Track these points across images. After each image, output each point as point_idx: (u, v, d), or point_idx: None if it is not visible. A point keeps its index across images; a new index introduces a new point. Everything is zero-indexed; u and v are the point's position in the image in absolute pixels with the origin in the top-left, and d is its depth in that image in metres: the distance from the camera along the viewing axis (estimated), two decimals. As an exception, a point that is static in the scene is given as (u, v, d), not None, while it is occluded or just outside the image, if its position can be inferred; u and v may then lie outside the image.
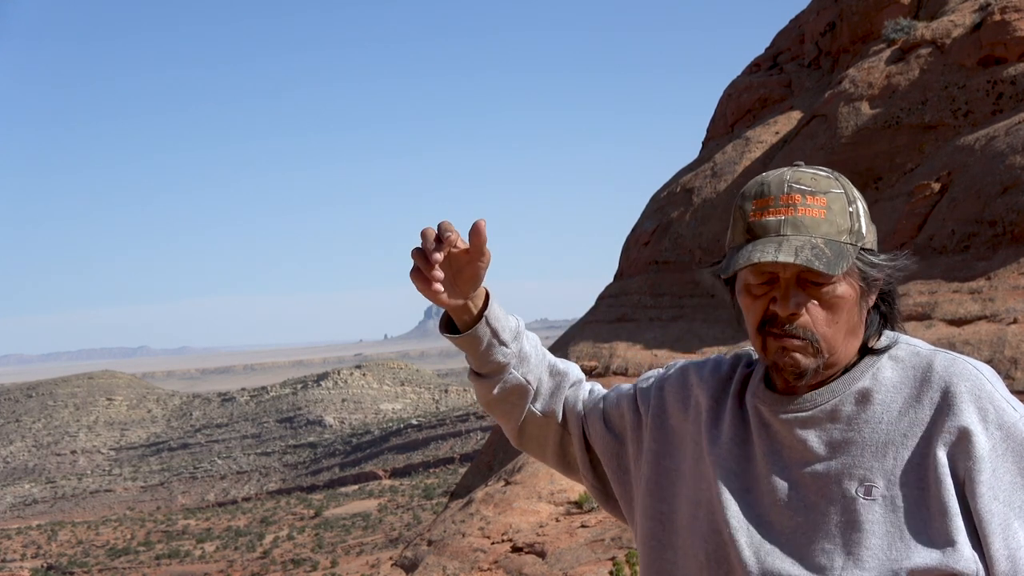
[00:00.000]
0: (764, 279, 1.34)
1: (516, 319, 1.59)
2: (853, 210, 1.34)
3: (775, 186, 1.34)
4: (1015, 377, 8.33)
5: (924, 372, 1.34)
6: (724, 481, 1.41)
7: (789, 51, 21.91)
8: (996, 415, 1.29)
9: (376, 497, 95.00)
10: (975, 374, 1.32)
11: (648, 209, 21.65)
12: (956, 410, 1.29)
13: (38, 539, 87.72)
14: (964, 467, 1.28)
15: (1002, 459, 1.28)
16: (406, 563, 12.04)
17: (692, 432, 1.49)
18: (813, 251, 1.28)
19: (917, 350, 1.38)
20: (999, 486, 1.27)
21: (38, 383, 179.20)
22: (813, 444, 1.35)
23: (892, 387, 1.35)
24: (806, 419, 1.37)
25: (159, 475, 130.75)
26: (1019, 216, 10.45)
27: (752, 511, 1.38)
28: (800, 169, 1.37)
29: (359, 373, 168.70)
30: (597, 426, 1.62)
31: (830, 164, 14.81)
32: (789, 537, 1.34)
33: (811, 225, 1.31)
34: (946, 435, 1.29)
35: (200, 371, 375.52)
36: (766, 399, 1.41)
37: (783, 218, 1.32)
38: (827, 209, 1.32)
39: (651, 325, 17.11)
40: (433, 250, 1.40)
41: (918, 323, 9.90)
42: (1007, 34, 13.06)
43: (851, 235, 1.33)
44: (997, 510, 1.26)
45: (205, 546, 77.19)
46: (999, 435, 1.28)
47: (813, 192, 1.33)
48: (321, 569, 58.19)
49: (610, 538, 9.06)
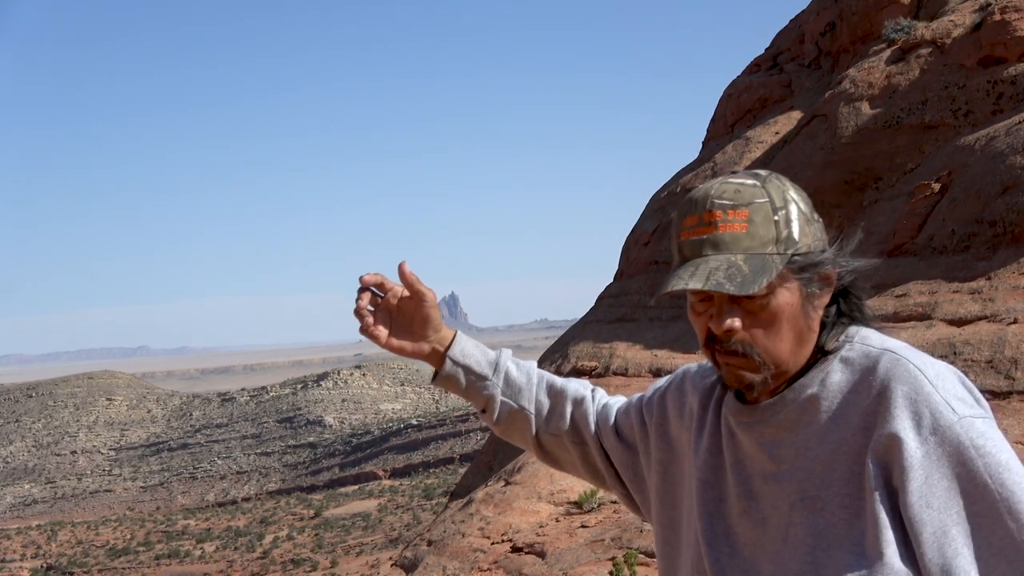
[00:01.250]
0: (701, 296, 1.33)
1: (497, 352, 1.63)
2: (780, 217, 1.30)
3: (700, 203, 1.32)
4: (1015, 377, 8.32)
5: (868, 375, 1.30)
6: (701, 492, 1.42)
7: (789, 51, 21.91)
8: (931, 419, 1.23)
9: (376, 497, 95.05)
10: (914, 375, 1.26)
11: (648, 209, 21.65)
12: (888, 416, 1.25)
13: (38, 539, 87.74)
14: (896, 476, 1.23)
15: (937, 465, 1.22)
16: (406, 563, 12.05)
17: (686, 440, 1.51)
18: (728, 271, 1.25)
19: (868, 350, 1.32)
20: (933, 493, 1.21)
21: (38, 383, 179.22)
22: (767, 455, 1.35)
23: (838, 392, 1.31)
24: (761, 430, 1.36)
25: (159, 475, 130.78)
26: (1019, 216, 10.45)
27: (724, 522, 1.38)
28: (728, 179, 1.34)
29: (359, 373, 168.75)
30: (611, 439, 1.64)
31: (830, 164, 14.83)
32: (751, 550, 1.34)
33: (731, 242, 1.28)
34: (876, 443, 1.25)
35: (200, 371, 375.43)
36: (733, 409, 1.40)
37: (704, 237, 1.30)
38: (749, 222, 1.29)
39: (651, 325, 17.11)
40: (360, 302, 1.52)
41: (918, 323, 9.90)
42: (1007, 34, 13.06)
43: (778, 244, 1.29)
44: (930, 518, 1.21)
45: (205, 546, 77.21)
46: (934, 440, 1.22)
47: (735, 206, 1.30)
48: (321, 569, 58.23)
49: (610, 538, 9.06)
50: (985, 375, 8.41)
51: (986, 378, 8.34)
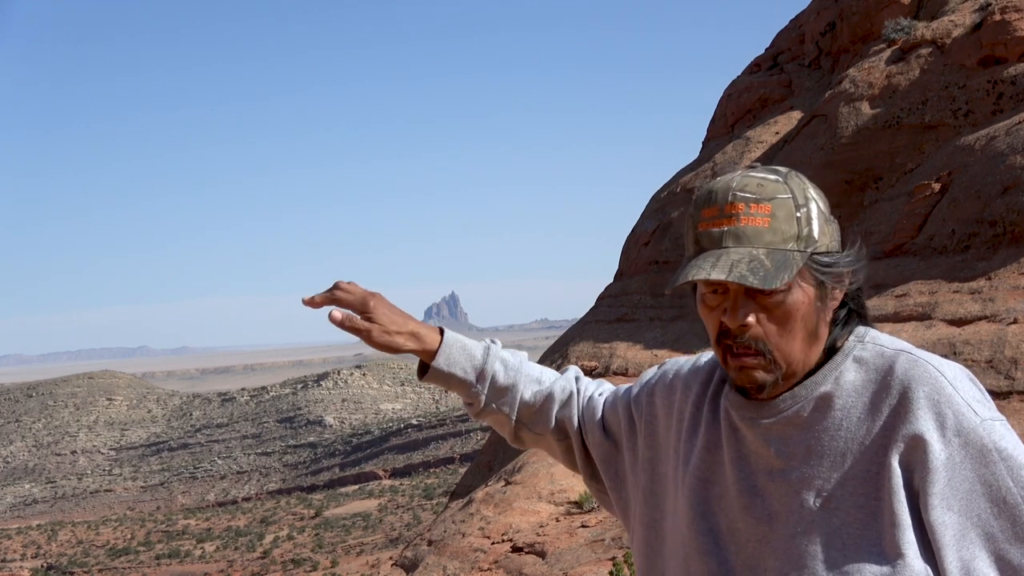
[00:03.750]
0: (714, 289, 1.31)
1: (484, 352, 1.60)
2: (802, 215, 1.29)
3: (721, 194, 1.30)
4: (1015, 377, 8.32)
5: (885, 375, 1.29)
6: (701, 490, 1.39)
7: (789, 51, 21.91)
8: (955, 421, 1.23)
9: (376, 497, 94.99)
10: (935, 376, 1.26)
11: (648, 209, 21.65)
12: (911, 416, 1.24)
13: (38, 539, 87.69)
14: (919, 477, 1.22)
15: (960, 467, 1.21)
16: (406, 563, 12.05)
17: (674, 439, 1.48)
18: (751, 264, 1.24)
19: (882, 350, 1.32)
20: (954, 496, 1.21)
21: (38, 383, 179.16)
22: (775, 451, 1.33)
23: (853, 391, 1.30)
24: (769, 425, 1.33)
25: (159, 475, 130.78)
26: (1019, 216, 10.45)
27: (725, 518, 1.36)
28: (749, 173, 1.32)
29: (359, 373, 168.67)
30: (596, 435, 1.61)
31: (830, 164, 14.82)
32: (754, 547, 1.32)
33: (753, 235, 1.27)
34: (900, 443, 1.24)
35: (200, 371, 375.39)
36: (735, 403, 1.38)
37: (725, 229, 1.28)
38: (771, 217, 1.27)
39: (651, 325, 17.11)
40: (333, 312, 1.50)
41: (918, 323, 9.90)
42: (1007, 34, 13.05)
43: (799, 241, 1.28)
44: (951, 521, 1.21)
45: (205, 546, 77.18)
46: (957, 442, 1.22)
47: (758, 200, 1.28)
48: (321, 569, 58.17)
49: (610, 538, 9.06)
50: (985, 375, 8.40)
51: (986, 378, 8.34)
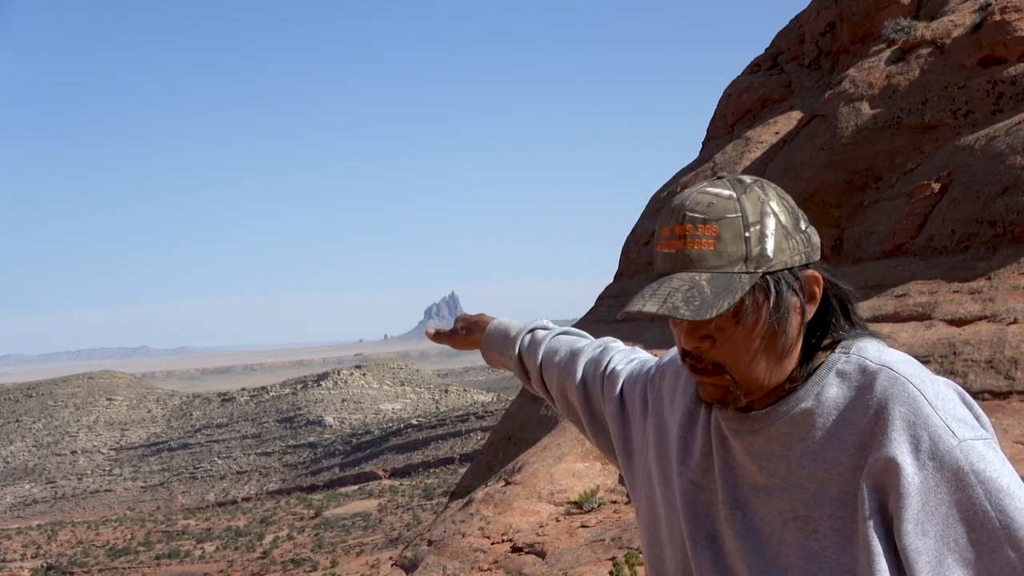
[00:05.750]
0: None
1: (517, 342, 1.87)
2: (751, 233, 1.23)
3: (675, 213, 1.26)
4: (1015, 377, 8.32)
5: (864, 392, 1.23)
6: (693, 493, 1.37)
7: (789, 51, 21.91)
8: (930, 443, 1.17)
9: (376, 497, 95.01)
10: (913, 396, 1.20)
11: (648, 209, 21.66)
12: (885, 439, 1.19)
13: (38, 539, 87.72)
14: (892, 502, 1.17)
15: (935, 491, 1.16)
16: (406, 563, 12.05)
17: (674, 429, 1.46)
18: (688, 293, 1.20)
19: (866, 365, 1.25)
20: (930, 521, 1.15)
21: (38, 383, 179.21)
22: (758, 467, 1.29)
23: (834, 408, 1.25)
24: (752, 439, 1.30)
25: (159, 475, 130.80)
26: (1019, 216, 10.45)
27: (712, 526, 1.34)
28: (706, 189, 1.27)
29: (359, 373, 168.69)
30: (613, 407, 1.62)
31: (830, 164, 14.83)
32: (732, 559, 1.30)
33: (698, 259, 1.23)
34: (872, 467, 1.19)
35: (200, 371, 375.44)
36: (723, 413, 1.35)
37: (674, 252, 1.24)
38: (717, 240, 1.22)
39: (651, 325, 17.11)
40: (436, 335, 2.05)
41: (918, 323, 9.90)
42: (1007, 34, 13.06)
43: (747, 263, 1.22)
44: (925, 547, 1.15)
45: (205, 546, 77.21)
46: (932, 465, 1.16)
47: (705, 220, 1.23)
48: (321, 569, 58.18)
49: (610, 538, 9.06)
50: (985, 375, 8.41)
51: (986, 378, 8.34)
